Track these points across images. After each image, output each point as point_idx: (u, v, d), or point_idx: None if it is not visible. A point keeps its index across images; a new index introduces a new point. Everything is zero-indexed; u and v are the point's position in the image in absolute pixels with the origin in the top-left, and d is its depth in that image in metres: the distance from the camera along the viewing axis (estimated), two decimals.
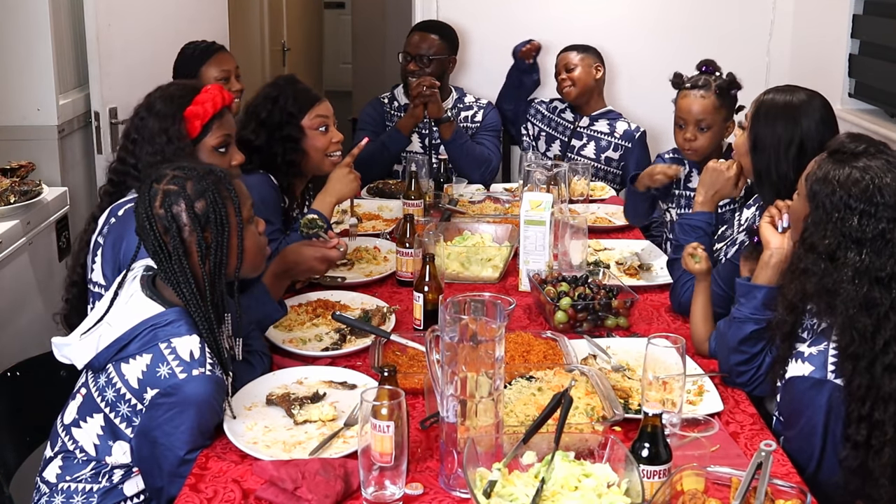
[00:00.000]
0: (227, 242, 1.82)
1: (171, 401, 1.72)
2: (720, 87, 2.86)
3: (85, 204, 3.39)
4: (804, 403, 1.76)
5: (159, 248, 1.79)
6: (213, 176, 1.84)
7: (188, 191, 1.80)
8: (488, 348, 1.58)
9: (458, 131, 3.70)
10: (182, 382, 1.72)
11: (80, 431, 1.80)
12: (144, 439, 1.75)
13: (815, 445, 1.75)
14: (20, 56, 3.11)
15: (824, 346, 1.76)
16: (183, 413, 1.72)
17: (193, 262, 1.80)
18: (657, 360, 1.74)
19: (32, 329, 2.83)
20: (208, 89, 2.24)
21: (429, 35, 3.78)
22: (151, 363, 1.73)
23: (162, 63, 3.21)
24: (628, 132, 3.82)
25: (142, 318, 1.77)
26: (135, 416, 1.75)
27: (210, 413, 1.77)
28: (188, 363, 1.73)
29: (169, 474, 1.74)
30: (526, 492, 1.51)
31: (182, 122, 2.19)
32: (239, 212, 1.85)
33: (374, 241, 2.98)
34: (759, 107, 2.32)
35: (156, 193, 1.80)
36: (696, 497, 1.51)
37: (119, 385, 1.75)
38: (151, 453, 1.75)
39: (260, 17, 5.96)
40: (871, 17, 3.47)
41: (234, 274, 1.87)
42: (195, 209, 1.79)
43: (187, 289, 1.78)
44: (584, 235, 2.61)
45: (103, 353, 1.76)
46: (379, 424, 1.56)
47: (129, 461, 1.79)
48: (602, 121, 3.86)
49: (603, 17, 4.17)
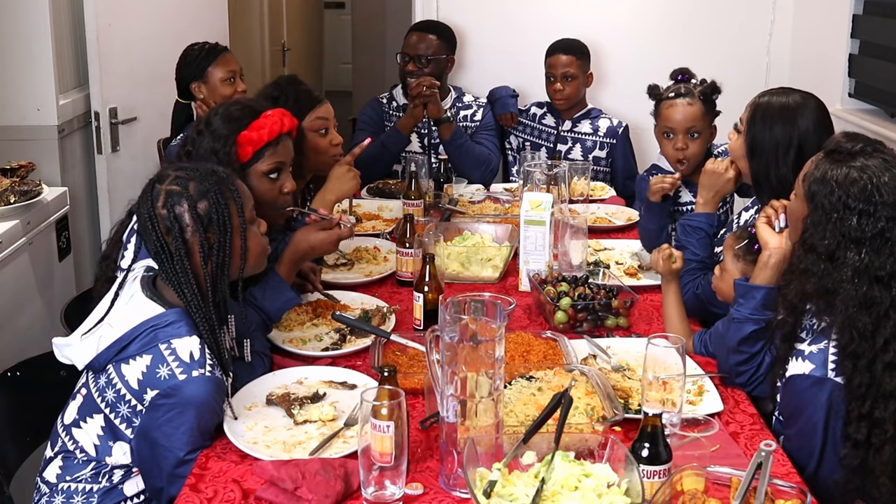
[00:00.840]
0: (229, 243, 1.83)
1: (170, 402, 1.72)
2: (703, 93, 2.85)
3: (85, 204, 3.39)
4: (804, 401, 1.76)
5: (161, 249, 1.79)
6: (215, 176, 1.84)
7: (191, 191, 1.80)
8: (488, 348, 1.58)
9: (458, 131, 3.70)
10: (182, 383, 1.72)
11: (81, 432, 1.81)
12: (144, 440, 1.75)
13: (815, 444, 1.75)
14: (20, 56, 3.11)
15: (824, 344, 1.76)
16: (183, 414, 1.72)
17: (195, 262, 1.80)
18: (657, 360, 1.74)
19: (32, 329, 2.83)
20: (268, 115, 2.21)
21: (427, 35, 3.78)
22: (151, 364, 1.73)
23: (162, 63, 3.22)
24: (611, 129, 3.84)
25: (142, 319, 1.77)
26: (135, 416, 1.75)
27: (210, 414, 1.77)
28: (188, 364, 1.73)
29: (168, 475, 1.74)
30: (526, 492, 1.51)
31: (233, 146, 2.16)
32: (242, 212, 1.85)
33: (374, 241, 2.98)
34: (755, 110, 2.31)
35: (158, 193, 1.80)
36: (696, 497, 1.51)
37: (119, 386, 1.75)
38: (151, 454, 1.75)
39: (260, 17, 5.96)
40: (871, 17, 3.47)
41: (238, 275, 1.87)
42: (198, 210, 1.79)
43: (189, 289, 1.79)
44: (584, 235, 2.61)
45: (103, 353, 1.76)
46: (379, 424, 1.56)
47: (129, 461, 1.79)
48: (584, 122, 3.86)
49: (602, 17, 4.17)
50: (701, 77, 2.93)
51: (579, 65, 3.80)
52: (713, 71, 4.08)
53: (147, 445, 1.75)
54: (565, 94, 3.79)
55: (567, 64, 3.77)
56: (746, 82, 4.00)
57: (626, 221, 3.25)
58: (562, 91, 3.78)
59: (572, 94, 3.80)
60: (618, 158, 3.83)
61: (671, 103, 2.85)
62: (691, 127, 2.82)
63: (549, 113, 3.90)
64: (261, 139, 2.18)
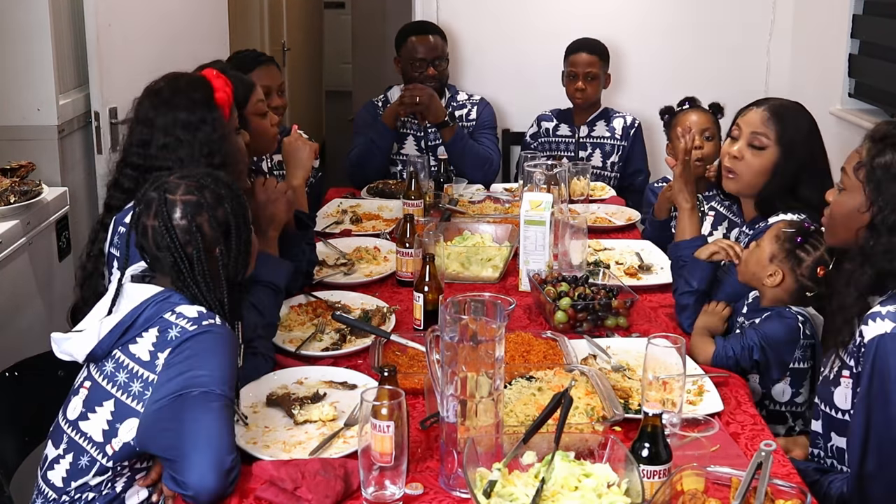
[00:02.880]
0: (247, 247, 1.83)
1: (186, 352, 1.65)
2: (711, 107, 3.13)
3: (85, 204, 3.39)
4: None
5: (180, 259, 1.75)
6: (224, 180, 1.83)
7: (209, 199, 1.78)
8: (488, 348, 1.58)
9: (459, 133, 3.70)
10: (195, 333, 1.67)
11: (88, 423, 1.74)
12: (162, 412, 1.64)
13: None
14: (20, 56, 3.11)
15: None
16: (203, 354, 1.66)
17: (214, 270, 1.78)
18: (657, 360, 1.74)
19: (32, 329, 2.83)
20: (213, 75, 2.23)
21: (432, 36, 3.79)
22: (160, 334, 1.69)
23: (162, 63, 3.20)
24: (626, 129, 3.84)
25: (142, 300, 1.73)
26: (146, 388, 1.68)
27: (233, 354, 1.71)
28: (196, 318, 1.69)
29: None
30: (526, 492, 1.51)
31: (217, 109, 2.18)
32: (248, 217, 1.86)
33: (374, 241, 2.98)
34: (780, 116, 2.40)
35: (174, 204, 1.77)
36: (696, 497, 1.51)
37: (130, 364, 1.70)
38: (172, 419, 1.63)
39: (260, 17, 5.95)
40: (871, 17, 3.47)
41: (245, 281, 1.87)
42: (217, 218, 1.78)
43: (210, 296, 1.76)
44: (584, 235, 2.60)
45: (106, 339, 1.72)
46: (379, 424, 1.56)
47: (131, 438, 1.69)
48: (600, 123, 3.86)
49: (602, 17, 4.17)
50: (692, 95, 3.20)
51: (601, 65, 3.81)
52: (713, 71, 4.13)
53: (167, 412, 1.64)
54: (587, 94, 3.79)
55: (591, 63, 3.78)
56: (747, 82, 4.01)
57: (626, 221, 3.25)
58: (584, 91, 3.78)
59: (592, 94, 3.81)
60: (634, 157, 3.86)
61: (683, 114, 3.12)
62: (706, 129, 3.07)
63: (562, 123, 3.89)
64: (229, 97, 2.22)
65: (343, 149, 2.76)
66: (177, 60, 3.26)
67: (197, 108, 2.16)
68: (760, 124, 2.40)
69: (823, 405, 1.91)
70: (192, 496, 1.60)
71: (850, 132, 3.39)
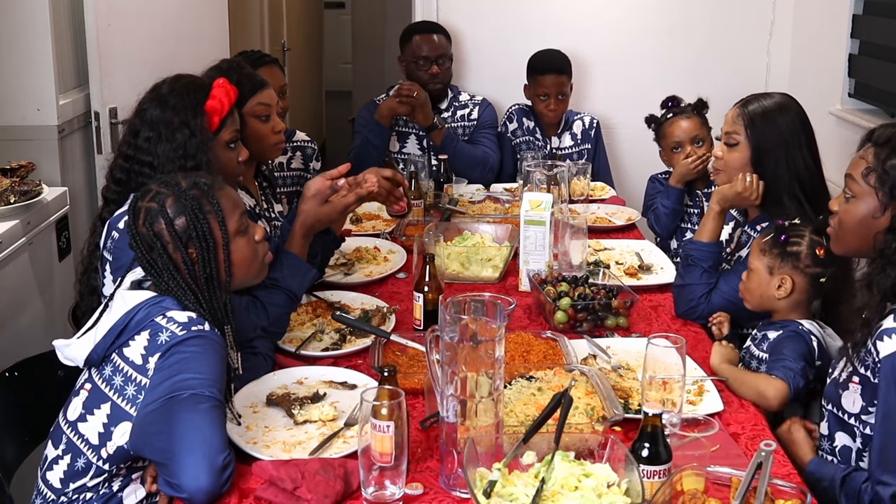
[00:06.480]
0: (214, 258, 1.80)
1: (174, 357, 1.66)
2: (695, 107, 3.19)
3: (85, 204, 3.39)
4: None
5: (148, 265, 1.78)
6: (196, 190, 1.80)
7: (168, 208, 1.77)
8: (488, 348, 1.58)
9: (448, 136, 3.69)
10: (183, 337, 1.68)
11: (86, 425, 1.76)
12: (152, 415, 1.66)
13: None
14: (20, 56, 3.11)
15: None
16: (191, 358, 1.67)
17: (184, 277, 1.78)
18: (657, 360, 1.74)
19: (32, 329, 2.83)
20: (219, 83, 2.22)
21: (437, 35, 3.80)
22: (151, 337, 1.70)
23: (162, 63, 3.21)
24: (585, 132, 3.89)
25: (135, 304, 1.75)
26: (139, 392, 1.69)
27: (221, 359, 1.72)
28: (186, 324, 1.70)
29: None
30: (526, 492, 1.51)
31: (203, 116, 2.17)
32: (224, 226, 1.81)
33: (374, 241, 2.98)
34: (751, 116, 2.42)
35: (139, 211, 1.78)
36: (696, 497, 1.51)
37: (125, 368, 1.71)
38: (161, 418, 1.64)
39: (260, 17, 5.95)
40: (871, 17, 3.47)
41: (235, 286, 1.86)
42: (175, 227, 1.77)
43: (188, 299, 1.76)
44: (584, 235, 2.61)
45: (101, 343, 1.73)
46: (379, 424, 1.56)
47: (125, 442, 1.71)
48: (565, 135, 3.89)
49: (602, 17, 4.17)
50: (692, 95, 3.23)
51: (568, 81, 3.84)
52: (713, 71, 4.13)
53: (158, 416, 1.64)
54: (559, 111, 3.83)
55: (561, 84, 3.79)
56: (746, 82, 4.00)
57: (626, 221, 3.25)
58: (556, 111, 3.81)
59: (563, 110, 3.86)
60: (597, 157, 3.90)
61: (671, 122, 3.19)
62: (696, 135, 3.16)
63: (538, 127, 3.91)
64: (223, 107, 2.20)
65: (343, 149, 2.77)
66: (177, 60, 3.26)
67: (183, 110, 2.17)
68: (731, 122, 2.47)
69: (830, 405, 1.89)
70: (188, 498, 1.60)
71: (850, 132, 3.39)
